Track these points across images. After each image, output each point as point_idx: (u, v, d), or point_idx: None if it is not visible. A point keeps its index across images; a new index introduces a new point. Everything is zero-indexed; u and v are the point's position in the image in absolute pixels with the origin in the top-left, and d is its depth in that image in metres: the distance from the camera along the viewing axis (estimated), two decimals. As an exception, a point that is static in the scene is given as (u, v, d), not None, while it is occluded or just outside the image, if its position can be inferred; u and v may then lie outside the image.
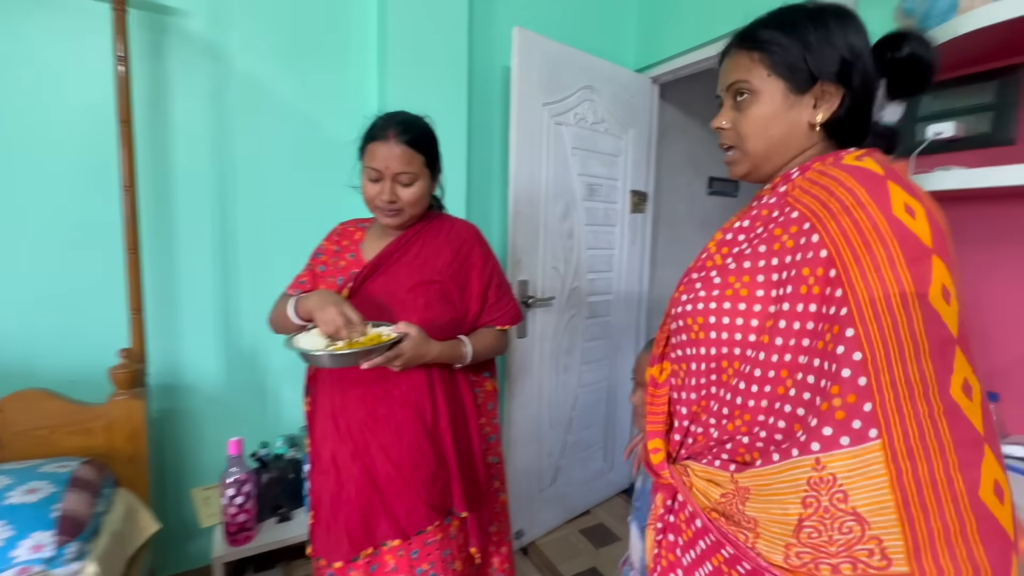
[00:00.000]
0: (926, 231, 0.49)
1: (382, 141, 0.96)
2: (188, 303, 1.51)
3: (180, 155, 1.47)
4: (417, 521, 0.97)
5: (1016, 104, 1.11)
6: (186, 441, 1.54)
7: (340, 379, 0.99)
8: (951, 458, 0.45)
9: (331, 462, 0.98)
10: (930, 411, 0.45)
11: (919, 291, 0.47)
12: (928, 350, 0.46)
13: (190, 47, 1.45)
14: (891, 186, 0.51)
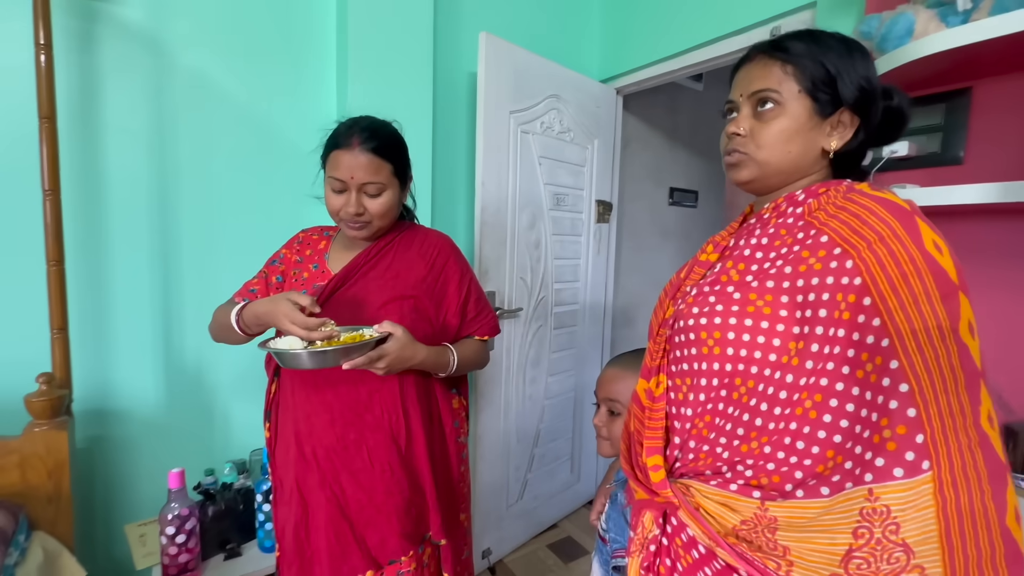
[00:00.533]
0: (952, 268, 0.52)
1: (346, 149, 0.88)
2: (122, 319, 1.36)
3: (114, 156, 1.33)
4: (390, 551, 0.91)
5: (964, 126, 1.17)
6: (119, 473, 1.39)
7: (306, 402, 0.92)
8: (986, 488, 0.47)
9: (296, 491, 0.92)
10: (968, 442, 0.48)
11: (952, 326, 0.49)
12: (964, 382, 0.48)
13: (126, 38, 1.32)
14: (919, 222, 0.53)
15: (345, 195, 0.90)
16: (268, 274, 1.00)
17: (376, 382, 0.92)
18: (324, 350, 0.79)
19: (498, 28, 1.87)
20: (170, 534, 1.14)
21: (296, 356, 0.79)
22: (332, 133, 0.93)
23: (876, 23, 1.15)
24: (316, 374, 0.92)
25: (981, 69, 1.10)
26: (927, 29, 1.05)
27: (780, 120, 0.62)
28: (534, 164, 1.89)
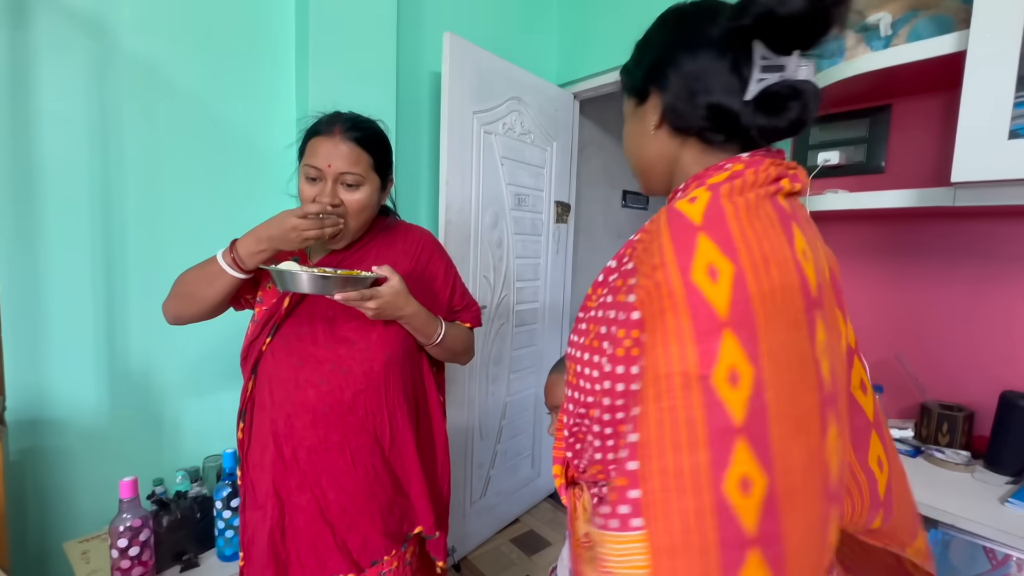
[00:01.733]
0: (724, 299, 0.41)
1: (326, 136, 0.86)
2: (59, 320, 1.26)
3: (49, 145, 1.23)
4: (372, 552, 0.90)
5: (885, 138, 1.31)
6: (55, 487, 1.28)
7: (285, 401, 0.88)
8: (712, 559, 0.39)
9: (272, 494, 0.88)
10: (698, 507, 0.39)
11: (701, 372, 0.40)
12: (705, 439, 0.40)
13: (64, 18, 1.23)
14: (700, 240, 0.43)
15: (320, 184, 0.87)
16: None
17: (361, 384, 0.89)
18: (324, 275, 0.78)
19: (460, 29, 1.89)
20: (122, 547, 1.07)
21: (296, 276, 0.78)
22: (313, 123, 0.91)
23: (812, 43, 1.27)
24: (299, 372, 0.88)
25: (899, 89, 1.25)
26: (855, 52, 1.18)
27: (626, 125, 0.62)
28: (496, 164, 1.92)
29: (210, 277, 0.85)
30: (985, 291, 1.19)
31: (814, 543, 0.42)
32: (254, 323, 0.94)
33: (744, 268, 0.42)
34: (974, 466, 1.09)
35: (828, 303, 0.48)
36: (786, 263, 0.43)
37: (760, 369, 0.40)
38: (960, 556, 0.98)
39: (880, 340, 1.34)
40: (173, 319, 0.93)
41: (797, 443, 0.41)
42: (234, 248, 0.83)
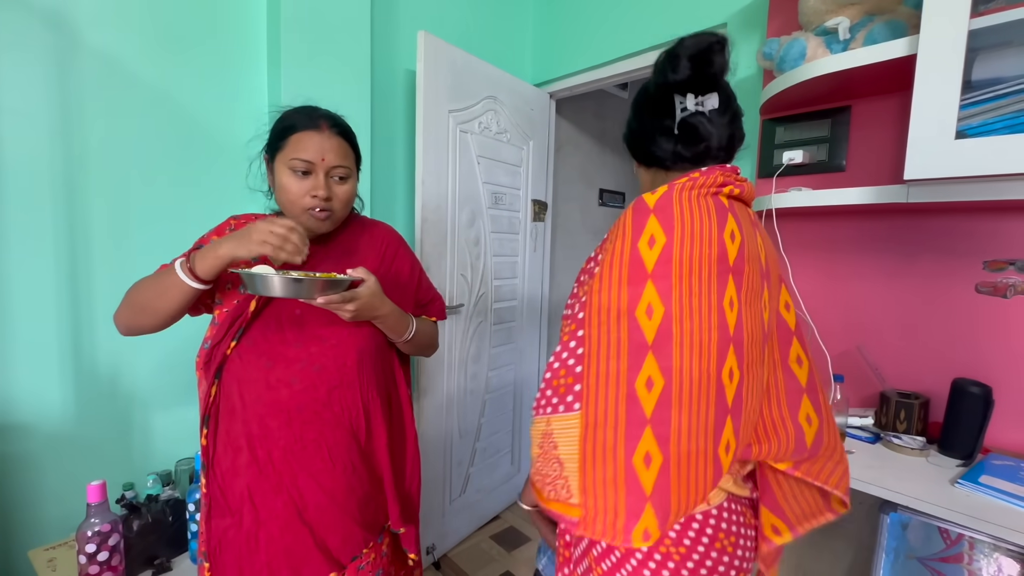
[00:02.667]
0: (653, 260, 0.62)
1: (314, 131, 0.86)
2: (22, 322, 1.23)
3: (8, 142, 1.20)
4: (353, 547, 0.90)
5: (846, 138, 1.36)
6: (18, 493, 1.25)
7: (257, 402, 0.86)
8: (620, 431, 0.60)
9: (245, 499, 0.85)
10: (617, 396, 0.61)
11: (629, 307, 0.62)
12: (627, 351, 0.61)
13: (21, 10, 1.20)
14: (651, 219, 0.64)
15: (311, 179, 0.86)
16: None
17: (336, 380, 0.89)
18: (298, 277, 0.75)
19: (435, 28, 1.89)
20: (90, 552, 1.05)
21: (268, 280, 0.74)
22: (285, 118, 0.90)
23: (775, 46, 1.31)
24: (269, 373, 0.87)
25: (858, 90, 1.30)
26: (816, 54, 1.22)
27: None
28: (473, 163, 1.93)
29: (166, 288, 0.81)
30: (940, 284, 1.25)
31: (697, 432, 0.61)
32: (215, 326, 0.90)
33: (673, 241, 0.63)
34: (928, 451, 1.14)
35: (749, 274, 0.67)
36: (710, 240, 0.64)
37: (669, 308, 0.61)
38: (918, 537, 1.03)
39: (843, 332, 1.39)
40: (125, 330, 0.89)
41: (693, 362, 0.61)
42: (191, 261, 0.80)
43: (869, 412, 1.29)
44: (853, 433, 1.24)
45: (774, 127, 1.49)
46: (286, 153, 0.86)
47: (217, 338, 0.87)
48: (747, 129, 1.59)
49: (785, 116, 1.46)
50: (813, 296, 1.42)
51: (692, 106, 0.73)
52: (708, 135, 0.73)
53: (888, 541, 1.06)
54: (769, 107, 1.42)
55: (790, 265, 1.41)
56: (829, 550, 1.42)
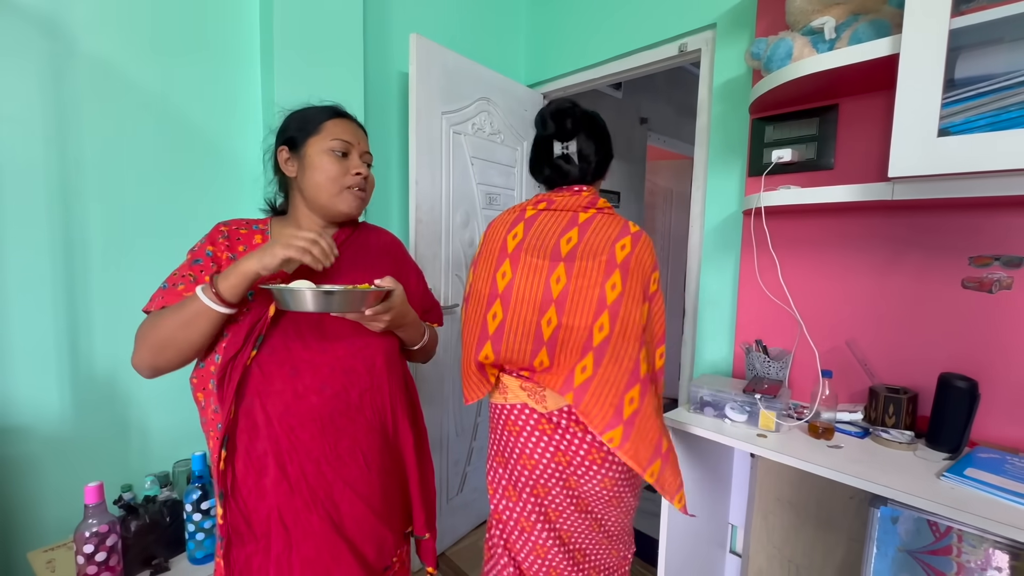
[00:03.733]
0: (478, 251, 1.17)
1: (346, 119, 0.92)
2: (19, 325, 1.24)
3: (4, 148, 1.21)
4: (387, 555, 0.89)
5: (833, 137, 1.37)
6: (17, 495, 1.26)
7: (286, 414, 0.81)
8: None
9: (273, 522, 0.80)
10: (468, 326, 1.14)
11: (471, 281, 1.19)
12: (472, 304, 1.16)
13: (16, 17, 1.21)
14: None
15: (349, 160, 0.90)
16: (198, 274, 0.84)
17: (366, 383, 0.87)
18: (330, 290, 0.72)
19: (428, 30, 1.90)
20: (88, 553, 1.06)
21: (300, 294, 0.71)
22: (309, 111, 0.93)
23: (763, 46, 1.32)
24: (296, 381, 0.83)
25: (844, 89, 1.31)
26: (802, 53, 1.23)
27: None
28: (467, 164, 1.94)
29: (190, 319, 0.75)
30: (927, 280, 1.26)
31: (468, 347, 1.11)
32: (226, 338, 0.82)
33: (484, 237, 1.16)
34: (916, 444, 1.16)
35: (525, 258, 1.06)
36: (495, 237, 1.12)
37: (473, 277, 1.13)
38: (907, 530, 1.04)
39: (832, 328, 1.40)
40: (150, 372, 0.81)
41: (471, 309, 1.11)
42: (214, 285, 0.75)
43: (859, 407, 1.30)
44: (842, 428, 1.26)
45: (763, 126, 1.50)
46: (323, 137, 0.88)
47: (233, 349, 0.80)
48: (737, 128, 1.61)
49: (774, 115, 1.48)
50: (802, 293, 1.44)
51: (559, 150, 1.12)
52: (566, 171, 1.13)
53: (879, 534, 1.07)
54: (758, 106, 1.44)
55: (779, 263, 1.42)
56: (821, 543, 1.43)
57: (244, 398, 0.81)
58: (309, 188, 0.89)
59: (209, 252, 0.86)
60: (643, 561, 1.97)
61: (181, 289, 0.82)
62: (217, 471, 0.81)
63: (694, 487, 1.46)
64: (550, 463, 1.10)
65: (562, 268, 1.03)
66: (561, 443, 1.09)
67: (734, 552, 1.71)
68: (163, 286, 0.84)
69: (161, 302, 0.81)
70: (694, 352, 1.77)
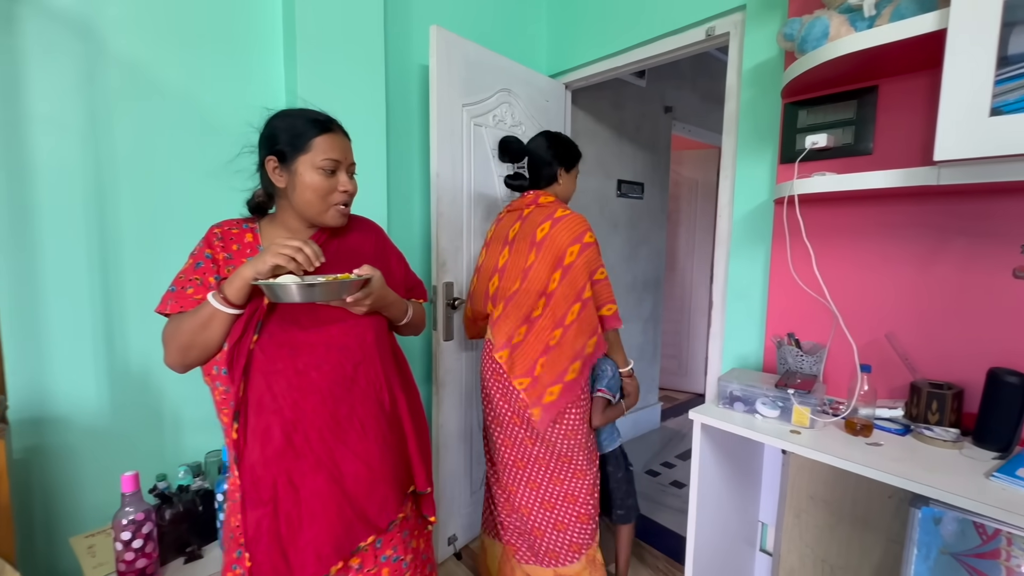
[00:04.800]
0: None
1: (335, 133, 0.95)
2: (58, 320, 1.28)
3: (42, 146, 1.25)
4: (389, 512, 0.97)
5: (872, 120, 1.31)
6: (59, 483, 1.31)
7: (290, 389, 0.90)
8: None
9: (281, 485, 0.89)
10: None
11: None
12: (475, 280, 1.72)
13: (52, 20, 1.24)
14: None
15: (337, 176, 0.95)
16: (203, 277, 0.93)
17: (359, 357, 0.96)
18: (313, 283, 0.82)
19: (448, 22, 1.89)
20: (126, 539, 1.10)
21: (286, 288, 0.81)
22: (296, 124, 0.95)
23: (797, 26, 1.27)
24: (296, 359, 0.91)
25: (885, 69, 1.24)
26: (839, 32, 1.17)
27: None
28: (488, 157, 1.92)
29: (206, 322, 0.87)
30: (974, 269, 1.19)
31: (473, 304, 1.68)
32: (234, 326, 0.91)
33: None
34: (962, 443, 1.10)
35: (492, 247, 1.62)
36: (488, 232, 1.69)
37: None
38: (951, 532, 0.99)
39: (870, 321, 1.34)
40: (181, 369, 0.93)
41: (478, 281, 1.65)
42: (222, 291, 0.85)
43: (899, 403, 1.24)
44: (881, 425, 1.21)
45: (796, 111, 1.44)
46: (314, 155, 0.93)
47: (236, 335, 0.89)
48: (768, 114, 1.55)
49: (808, 99, 1.41)
50: (838, 284, 1.38)
51: (513, 170, 1.66)
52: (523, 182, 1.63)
53: (920, 536, 1.03)
54: (791, 90, 1.38)
55: (814, 253, 1.36)
56: (857, 543, 1.38)
57: (251, 378, 0.90)
58: (297, 202, 0.95)
59: (208, 255, 0.95)
60: (670, 558, 1.94)
61: (191, 292, 0.91)
62: (231, 441, 0.91)
63: (723, 484, 1.43)
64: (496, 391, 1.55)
65: (507, 249, 1.54)
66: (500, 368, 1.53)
67: (764, 551, 1.67)
68: (171, 289, 0.93)
69: (174, 305, 0.91)
70: (722, 345, 1.73)
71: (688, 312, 3.98)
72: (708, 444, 1.34)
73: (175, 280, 0.94)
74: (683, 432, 3.29)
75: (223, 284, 0.86)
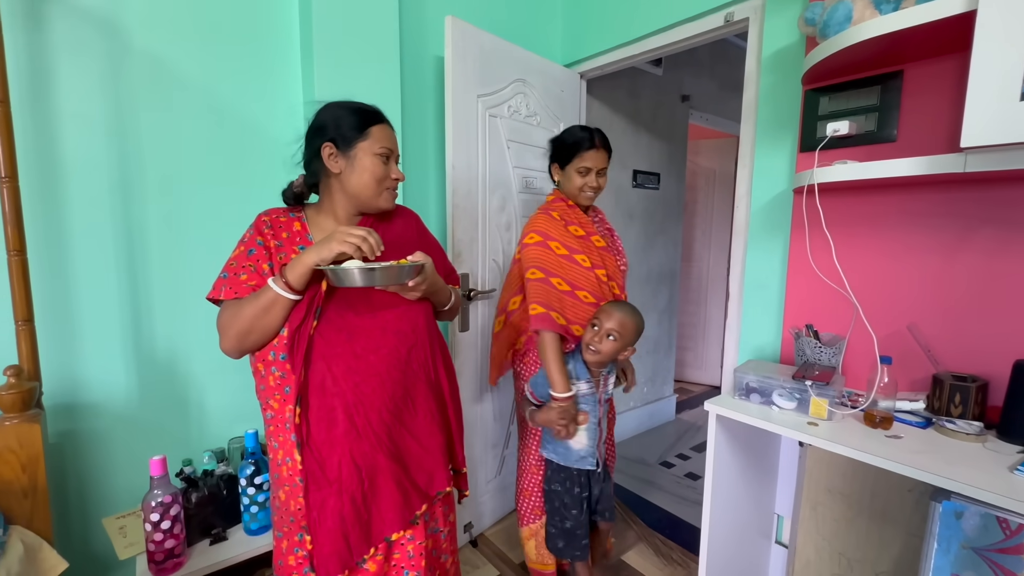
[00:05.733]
0: None
1: (386, 124, 1.02)
2: (88, 310, 1.33)
3: (70, 142, 1.29)
4: (437, 484, 1.03)
5: (896, 106, 1.28)
6: (91, 466, 1.36)
7: (349, 372, 0.93)
8: None
9: (346, 465, 0.93)
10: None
11: None
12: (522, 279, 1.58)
13: (78, 18, 1.27)
14: None
15: (390, 164, 1.01)
16: (255, 264, 0.93)
17: (412, 340, 1.01)
18: (373, 267, 0.86)
19: (463, 12, 1.88)
20: (154, 521, 1.14)
21: (350, 272, 0.85)
22: (359, 113, 0.99)
23: (819, 10, 1.24)
24: (354, 343, 0.95)
25: (910, 53, 1.21)
26: (863, 16, 1.14)
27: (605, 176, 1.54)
28: (503, 147, 1.92)
29: (267, 307, 0.88)
30: (1001, 258, 1.16)
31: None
32: (294, 312, 0.92)
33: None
34: (986, 436, 1.08)
35: None
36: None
37: None
38: (973, 526, 0.98)
39: (892, 311, 1.32)
40: (237, 354, 0.94)
41: (566, 266, 1.47)
42: (284, 275, 0.88)
43: (920, 396, 1.22)
44: (902, 417, 1.19)
45: (817, 97, 1.41)
46: (372, 143, 0.98)
47: (296, 321, 0.91)
48: (787, 101, 1.52)
49: (829, 85, 1.38)
50: (858, 274, 1.35)
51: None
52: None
53: (940, 530, 1.01)
54: (812, 76, 1.35)
55: (834, 243, 1.34)
56: (875, 536, 1.37)
57: (312, 362, 0.93)
58: (354, 186, 0.99)
59: (260, 241, 0.96)
60: (685, 549, 1.94)
61: (244, 279, 0.92)
62: (293, 425, 0.93)
63: (738, 475, 1.42)
64: None
65: None
66: None
67: (780, 543, 1.66)
68: (223, 275, 0.94)
69: (228, 292, 0.92)
70: (739, 337, 1.71)
71: (704, 303, 3.93)
72: (724, 435, 1.33)
73: (226, 267, 0.95)
74: (698, 424, 3.27)
75: (284, 269, 0.89)
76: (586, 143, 1.47)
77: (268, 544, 1.30)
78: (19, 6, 1.20)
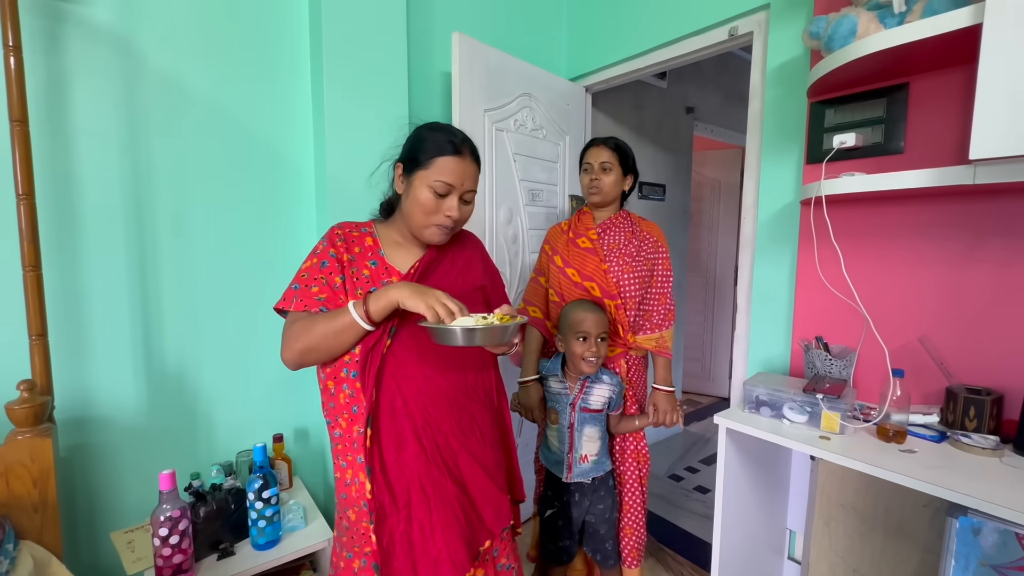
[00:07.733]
0: None
1: (459, 156, 0.93)
2: (100, 325, 1.34)
3: (85, 160, 1.31)
4: (503, 517, 0.97)
5: (903, 118, 1.28)
6: (100, 480, 1.37)
7: (419, 395, 0.91)
8: None
9: (414, 490, 0.90)
10: None
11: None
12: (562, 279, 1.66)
13: (94, 39, 1.30)
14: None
15: (447, 199, 0.93)
16: (328, 278, 0.93)
17: (478, 365, 0.98)
18: (474, 328, 0.81)
19: (469, 28, 1.91)
20: (163, 535, 1.14)
21: (451, 332, 0.81)
22: (429, 138, 0.95)
23: (823, 24, 1.25)
24: (424, 366, 0.92)
25: (916, 66, 1.21)
26: (868, 30, 1.15)
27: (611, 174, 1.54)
28: (509, 161, 1.94)
29: (341, 331, 0.86)
30: (1013, 269, 1.15)
31: None
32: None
33: None
34: (1003, 450, 1.06)
35: None
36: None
37: None
38: (991, 543, 0.96)
39: (902, 324, 1.30)
40: (296, 367, 0.92)
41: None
42: (366, 303, 0.85)
43: (934, 409, 1.21)
44: (916, 431, 1.17)
45: (823, 110, 1.41)
46: (430, 173, 0.92)
47: (372, 340, 0.89)
48: (793, 114, 1.53)
49: (835, 98, 1.39)
50: (868, 286, 1.35)
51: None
52: None
53: (958, 547, 0.99)
54: (817, 89, 1.36)
55: (842, 255, 1.33)
56: (890, 553, 1.35)
57: (383, 383, 0.91)
58: (406, 212, 0.96)
59: (333, 254, 0.95)
60: (695, 564, 1.91)
61: (315, 291, 0.91)
62: (361, 448, 0.90)
63: (749, 490, 1.40)
64: None
65: None
66: None
67: (792, 559, 1.64)
68: (294, 287, 0.93)
69: (298, 304, 0.91)
70: (747, 349, 1.70)
71: (712, 315, 3.91)
72: (733, 449, 1.32)
73: (297, 278, 0.94)
74: (707, 436, 3.23)
75: (368, 299, 0.86)
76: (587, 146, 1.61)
77: (276, 559, 1.30)
78: (38, 29, 1.23)
